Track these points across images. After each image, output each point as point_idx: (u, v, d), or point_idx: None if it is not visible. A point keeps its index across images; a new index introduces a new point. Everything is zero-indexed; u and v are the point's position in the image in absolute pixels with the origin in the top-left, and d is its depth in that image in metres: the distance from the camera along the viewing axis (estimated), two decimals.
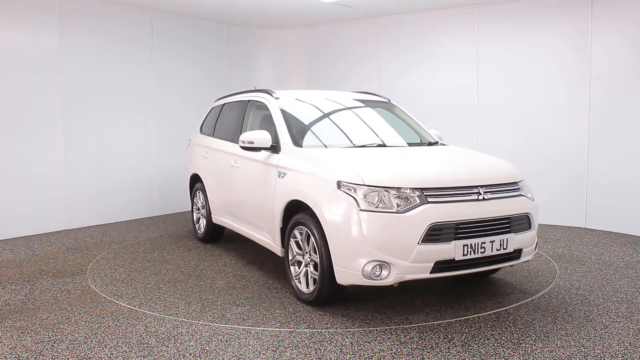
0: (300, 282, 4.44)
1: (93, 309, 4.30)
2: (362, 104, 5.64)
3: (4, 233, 6.79)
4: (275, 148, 4.91)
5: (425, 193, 3.89)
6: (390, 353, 3.47)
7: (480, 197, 4.02)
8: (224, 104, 6.55)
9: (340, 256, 3.96)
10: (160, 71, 8.42)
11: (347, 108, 5.54)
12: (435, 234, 3.83)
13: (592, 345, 3.57)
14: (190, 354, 3.46)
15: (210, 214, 6.36)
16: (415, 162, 4.54)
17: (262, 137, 4.90)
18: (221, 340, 3.68)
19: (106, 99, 7.75)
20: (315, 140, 4.97)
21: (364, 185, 3.91)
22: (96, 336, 3.75)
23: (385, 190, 3.88)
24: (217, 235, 6.59)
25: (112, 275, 5.27)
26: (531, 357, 3.40)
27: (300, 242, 4.42)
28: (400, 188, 3.89)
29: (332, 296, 4.26)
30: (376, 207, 3.84)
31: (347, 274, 3.93)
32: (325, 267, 4.08)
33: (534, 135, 7.63)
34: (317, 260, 4.16)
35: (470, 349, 3.51)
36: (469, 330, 3.84)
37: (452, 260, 3.88)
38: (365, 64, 9.03)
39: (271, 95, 5.43)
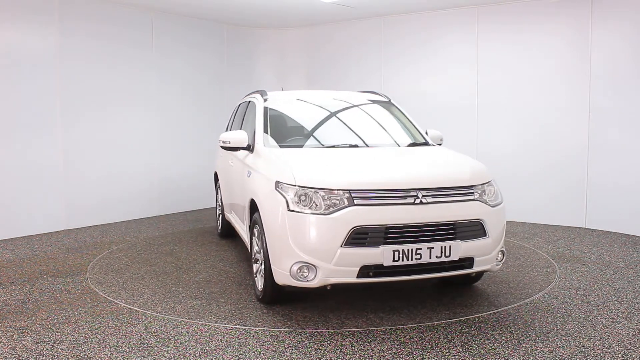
0: (257, 279, 4.47)
1: (93, 309, 4.30)
2: (358, 104, 5.57)
3: (4, 233, 6.79)
4: (250, 148, 4.96)
5: (353, 195, 3.81)
6: (390, 353, 3.47)
7: (417, 200, 3.83)
8: (240, 103, 6.65)
9: (275, 256, 3.99)
10: (160, 71, 8.42)
11: (339, 108, 5.48)
12: (361, 237, 3.74)
13: (592, 345, 3.57)
14: (190, 354, 3.46)
15: (224, 210, 6.53)
16: (360, 163, 4.34)
17: (237, 137, 4.96)
18: (221, 340, 3.68)
19: (106, 98, 7.75)
20: (286, 141, 4.97)
21: (296, 185, 3.90)
22: (96, 336, 3.75)
23: (315, 191, 3.84)
24: (231, 231, 6.67)
25: (112, 275, 5.27)
26: (531, 357, 3.40)
27: (257, 240, 4.46)
28: (329, 189, 3.83)
29: (275, 296, 4.27)
30: (309, 207, 3.82)
31: (280, 273, 3.95)
32: (268, 266, 4.12)
33: (534, 135, 7.63)
34: None
35: (470, 349, 3.51)
36: (469, 330, 3.84)
37: (381, 266, 3.76)
38: (365, 64, 9.03)
39: (261, 95, 5.49)
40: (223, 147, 5.04)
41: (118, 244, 6.55)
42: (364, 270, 3.76)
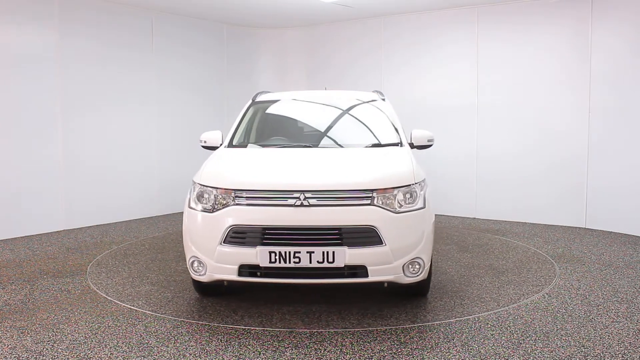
0: None
1: (93, 309, 4.30)
2: (347, 105, 5.45)
3: (4, 233, 6.78)
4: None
5: (236, 195, 3.89)
6: (390, 353, 3.47)
7: (299, 202, 3.77)
8: None
9: (184, 250, 4.17)
10: (160, 71, 8.42)
11: (323, 109, 5.48)
12: (239, 236, 3.82)
13: (592, 345, 3.57)
14: (190, 354, 3.46)
15: None
16: (270, 164, 4.40)
17: (212, 136, 5.13)
18: (221, 340, 3.68)
19: (106, 98, 7.76)
20: (252, 141, 5.15)
21: (198, 184, 4.09)
22: (96, 336, 3.75)
23: (210, 190, 3.99)
24: None
25: (112, 275, 5.27)
26: (531, 357, 3.40)
27: None
28: (222, 189, 3.95)
29: (200, 289, 4.48)
30: (203, 205, 3.99)
31: (188, 267, 4.14)
32: None
33: (534, 135, 7.63)
34: None
35: (470, 349, 3.52)
36: (469, 330, 3.84)
37: (258, 266, 3.78)
38: (364, 64, 9.03)
39: (252, 97, 5.59)
40: (202, 147, 5.19)
41: (118, 244, 6.55)
42: (246, 269, 3.83)
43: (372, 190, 3.87)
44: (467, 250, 6.16)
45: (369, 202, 3.85)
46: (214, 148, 5.09)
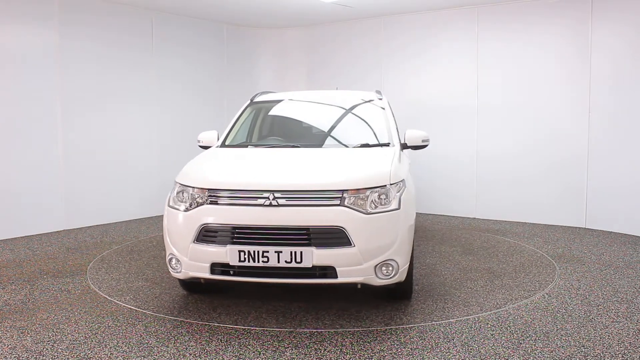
0: None
1: (93, 309, 4.30)
2: (341, 105, 5.43)
3: (4, 233, 6.78)
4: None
5: (209, 194, 3.96)
6: (390, 353, 3.47)
7: (268, 202, 3.79)
8: None
9: (165, 247, 4.23)
10: (160, 71, 8.42)
11: (318, 109, 5.51)
12: (211, 235, 3.89)
13: (592, 345, 3.57)
14: (190, 354, 3.46)
15: None
16: (250, 163, 4.49)
17: (208, 136, 5.23)
18: (221, 340, 3.68)
19: (106, 98, 7.76)
20: (248, 141, 5.26)
21: (178, 183, 4.18)
22: (96, 336, 3.76)
23: (188, 189, 4.07)
24: None
25: (112, 275, 5.27)
26: (531, 357, 3.40)
27: None
28: (199, 188, 4.01)
29: (184, 286, 4.59)
30: (181, 203, 4.07)
31: (167, 264, 4.21)
32: None
33: (534, 135, 7.63)
34: None
35: (470, 349, 3.51)
36: (469, 330, 3.84)
37: (228, 265, 3.83)
38: (364, 64, 9.03)
39: (254, 96, 5.65)
40: (200, 147, 5.24)
41: (118, 244, 6.55)
42: (219, 268, 3.88)
43: (342, 191, 3.83)
44: (472, 252, 6.15)
45: (338, 202, 3.80)
46: (207, 147, 5.15)
